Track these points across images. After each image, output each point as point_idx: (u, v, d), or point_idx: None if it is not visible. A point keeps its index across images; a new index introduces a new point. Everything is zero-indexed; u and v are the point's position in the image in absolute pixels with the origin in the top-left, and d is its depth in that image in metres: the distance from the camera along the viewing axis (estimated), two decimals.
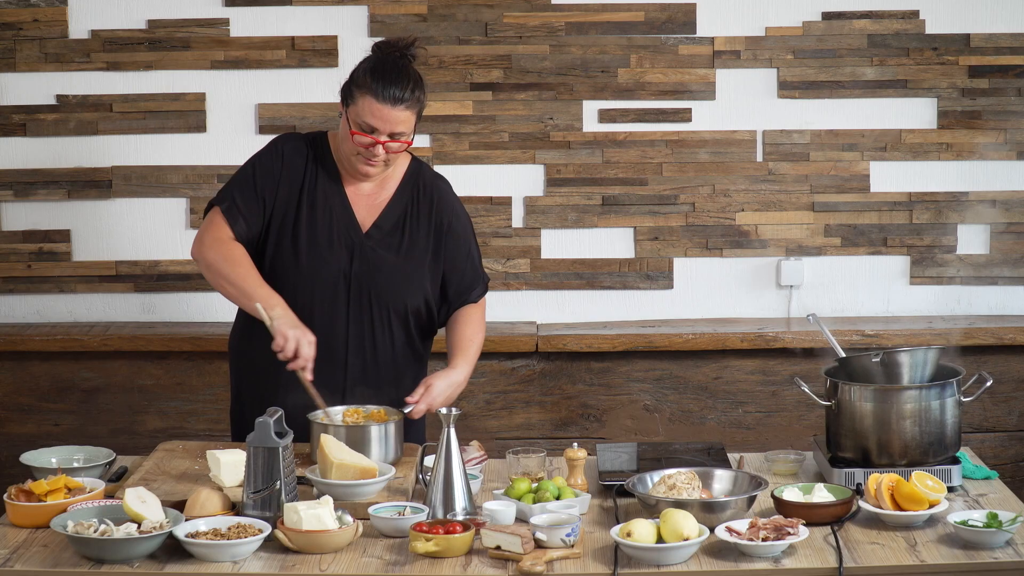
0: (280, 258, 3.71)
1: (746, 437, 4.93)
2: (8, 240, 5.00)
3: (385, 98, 3.56)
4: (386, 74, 3.58)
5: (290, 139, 3.77)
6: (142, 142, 4.97)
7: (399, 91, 3.57)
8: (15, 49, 4.91)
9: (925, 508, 3.21)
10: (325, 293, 3.70)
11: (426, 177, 3.79)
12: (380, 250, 3.72)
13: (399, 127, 3.59)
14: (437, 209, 3.77)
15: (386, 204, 3.75)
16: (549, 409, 4.93)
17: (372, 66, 3.61)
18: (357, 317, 3.71)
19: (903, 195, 5.00)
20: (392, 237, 3.73)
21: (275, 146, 3.75)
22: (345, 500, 3.25)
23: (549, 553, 3.04)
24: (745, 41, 4.93)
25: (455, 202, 3.82)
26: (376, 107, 3.57)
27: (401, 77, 3.59)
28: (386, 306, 3.72)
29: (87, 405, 4.93)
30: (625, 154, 4.98)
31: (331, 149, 3.75)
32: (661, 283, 5.03)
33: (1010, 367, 4.90)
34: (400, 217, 3.74)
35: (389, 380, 3.74)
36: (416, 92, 3.60)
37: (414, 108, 3.61)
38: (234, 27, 4.92)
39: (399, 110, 3.58)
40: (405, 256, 3.73)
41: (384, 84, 3.57)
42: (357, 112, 3.59)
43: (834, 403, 3.52)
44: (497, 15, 4.92)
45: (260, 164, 3.73)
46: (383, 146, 3.60)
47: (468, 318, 3.82)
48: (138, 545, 3.02)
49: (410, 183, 3.77)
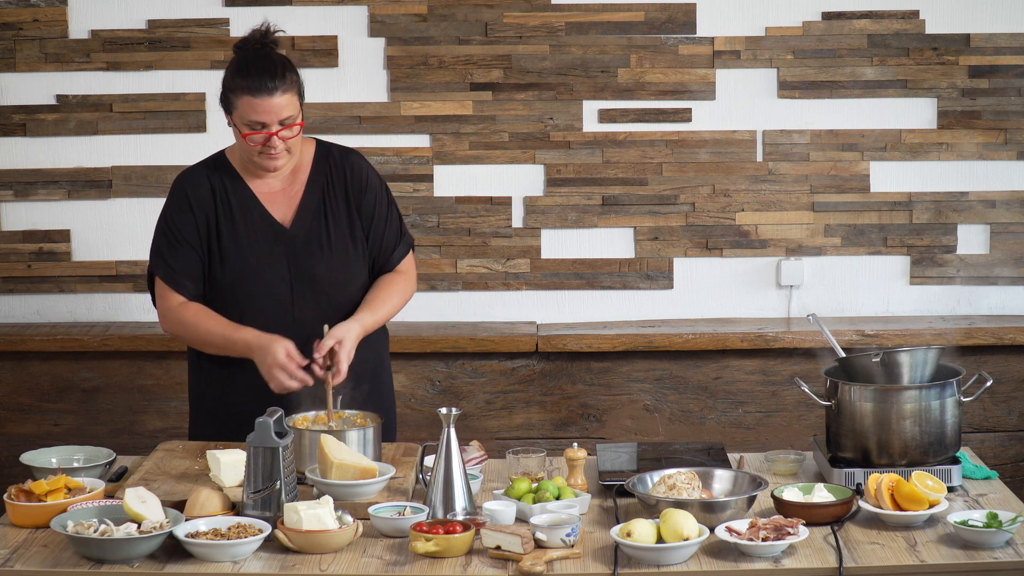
0: (218, 284, 3.72)
1: (746, 437, 4.93)
2: (8, 240, 5.00)
3: (260, 91, 3.58)
4: (252, 69, 3.60)
5: (187, 174, 3.78)
6: (142, 142, 4.97)
7: (271, 80, 3.58)
8: (15, 49, 4.91)
9: (925, 508, 3.20)
10: (269, 301, 3.70)
11: (335, 156, 3.80)
12: (310, 243, 3.72)
13: (284, 113, 3.60)
14: (351, 181, 3.77)
15: (301, 195, 3.75)
16: (549, 409, 4.93)
17: (237, 67, 3.63)
18: (304, 318, 3.70)
19: (903, 195, 5.00)
20: (316, 224, 3.73)
21: (176, 189, 3.75)
22: (345, 500, 3.25)
23: (549, 553, 3.04)
24: (745, 41, 4.93)
25: (366, 168, 3.81)
26: (255, 103, 3.58)
27: (269, 66, 3.60)
28: (330, 299, 3.72)
29: (87, 405, 4.93)
30: (625, 154, 4.98)
31: (233, 163, 3.76)
32: (661, 283, 5.03)
33: (1010, 367, 4.90)
34: (319, 203, 3.75)
35: (360, 372, 3.71)
36: (287, 75, 3.61)
37: (291, 90, 3.62)
38: (234, 27, 4.92)
39: (276, 97, 3.59)
40: (334, 242, 3.73)
41: (255, 78, 3.58)
42: (241, 115, 3.61)
43: (834, 403, 3.52)
44: (497, 15, 4.92)
45: (171, 215, 3.73)
46: (278, 136, 3.62)
47: (385, 281, 3.79)
48: (138, 545, 3.02)
49: (320, 167, 3.78)
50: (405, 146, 4.95)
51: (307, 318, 3.69)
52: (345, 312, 3.70)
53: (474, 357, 4.92)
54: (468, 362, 4.92)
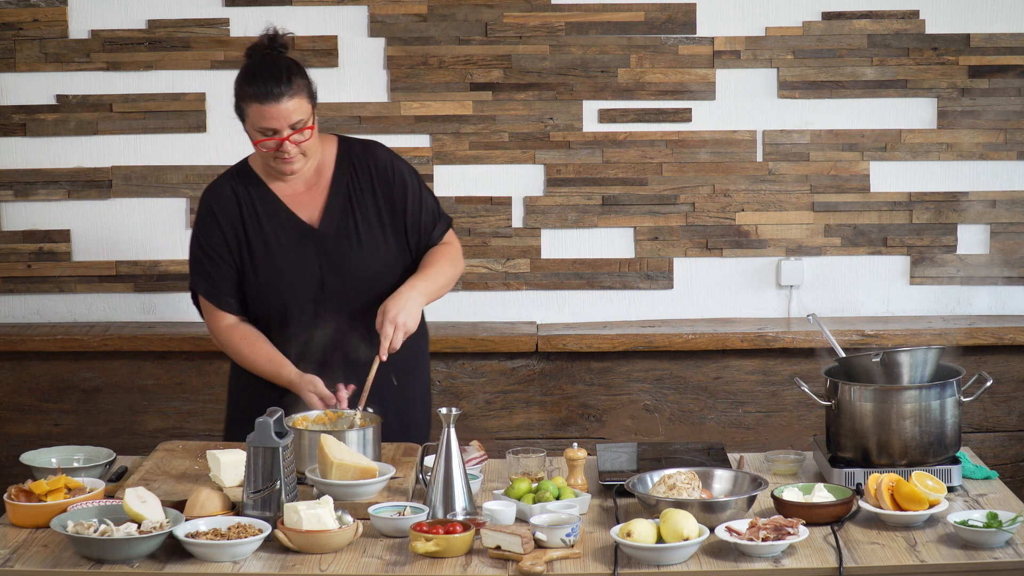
0: (253, 289, 3.75)
1: (746, 437, 4.93)
2: (8, 240, 5.00)
3: (268, 98, 3.59)
4: (260, 75, 3.61)
5: (211, 188, 3.82)
6: (142, 142, 4.97)
7: (277, 86, 3.59)
8: (15, 49, 4.91)
9: (925, 508, 3.20)
10: (303, 300, 3.72)
11: (356, 151, 3.81)
12: (339, 239, 3.73)
13: (293, 117, 3.61)
14: (377, 175, 3.78)
15: (327, 193, 3.76)
16: (549, 409, 4.93)
17: (245, 74, 3.64)
18: (339, 313, 3.72)
19: (903, 195, 5.00)
20: (345, 221, 3.74)
21: (202, 205, 3.80)
22: (345, 500, 3.25)
23: (549, 553, 3.04)
24: (745, 41, 4.93)
25: (390, 159, 3.82)
26: (263, 109, 3.60)
27: (275, 72, 3.61)
28: (364, 293, 3.73)
29: (87, 405, 4.93)
30: (625, 154, 4.98)
31: (256, 170, 3.78)
32: (661, 283, 5.03)
33: (1010, 367, 4.90)
34: (346, 199, 3.76)
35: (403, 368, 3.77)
36: (295, 80, 3.62)
37: (300, 94, 3.63)
38: (234, 27, 4.92)
39: (284, 103, 3.60)
40: (364, 236, 3.74)
41: (261, 85, 3.59)
42: (252, 122, 3.63)
43: (834, 403, 3.52)
44: (497, 15, 4.92)
45: (201, 233, 3.78)
46: (289, 141, 3.63)
47: (432, 253, 3.82)
48: (138, 545, 3.02)
49: (344, 164, 3.79)
50: (405, 146, 4.94)
51: (341, 313, 3.71)
52: (382, 299, 3.70)
53: (474, 357, 4.92)
54: (468, 362, 4.92)
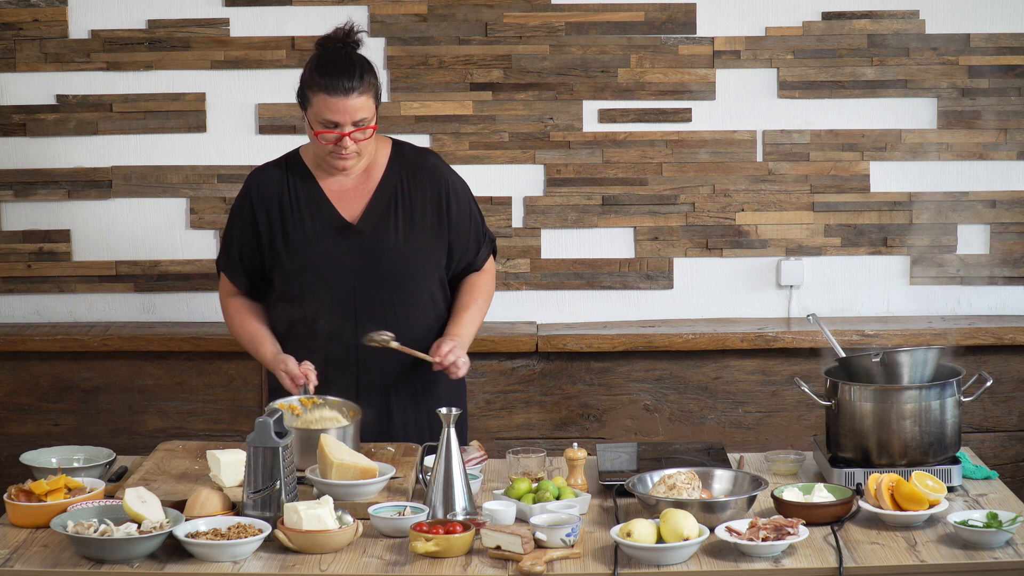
0: (282, 273, 3.76)
1: (746, 437, 4.93)
2: (8, 240, 5.00)
3: (337, 91, 3.60)
4: (332, 67, 3.61)
5: (257, 171, 3.84)
6: (142, 142, 4.97)
7: (348, 81, 3.60)
8: (15, 49, 4.91)
9: (925, 508, 3.21)
10: (332, 292, 3.72)
11: (409, 155, 3.82)
12: (376, 238, 3.73)
13: (358, 115, 3.62)
14: (432, 182, 3.80)
15: (373, 192, 3.77)
16: (549, 409, 4.93)
17: (317, 63, 3.65)
18: (370, 309, 3.74)
19: (903, 195, 5.00)
20: (385, 221, 3.74)
21: (245, 185, 3.83)
22: (345, 500, 3.25)
23: (549, 553, 3.04)
24: (745, 41, 4.93)
25: (444, 170, 3.84)
26: (331, 102, 3.60)
27: (347, 66, 3.62)
28: (397, 291, 3.74)
29: (87, 405, 4.93)
30: (625, 154, 4.98)
31: (306, 161, 3.79)
32: (661, 283, 5.03)
33: (1010, 367, 4.90)
34: (390, 200, 3.76)
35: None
36: (366, 77, 3.63)
37: (368, 92, 3.64)
38: (234, 27, 4.92)
39: (353, 98, 3.60)
40: (403, 237, 3.75)
41: (333, 78, 3.60)
42: (315, 112, 3.63)
43: (834, 403, 3.52)
44: (497, 15, 4.92)
45: (234, 213, 3.84)
46: (350, 137, 3.63)
47: (471, 284, 3.89)
48: (138, 545, 3.02)
49: (395, 166, 3.79)
50: None
51: (373, 309, 3.73)
52: (414, 300, 3.75)
53: (474, 357, 4.86)
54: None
